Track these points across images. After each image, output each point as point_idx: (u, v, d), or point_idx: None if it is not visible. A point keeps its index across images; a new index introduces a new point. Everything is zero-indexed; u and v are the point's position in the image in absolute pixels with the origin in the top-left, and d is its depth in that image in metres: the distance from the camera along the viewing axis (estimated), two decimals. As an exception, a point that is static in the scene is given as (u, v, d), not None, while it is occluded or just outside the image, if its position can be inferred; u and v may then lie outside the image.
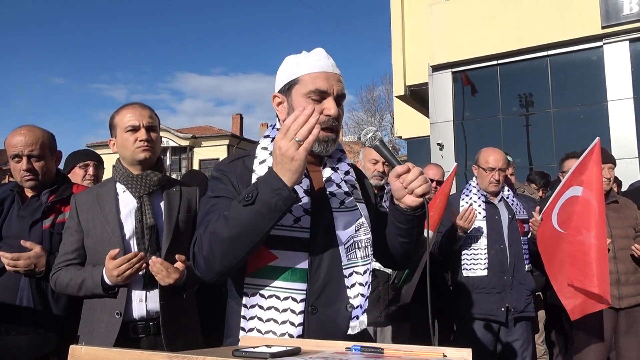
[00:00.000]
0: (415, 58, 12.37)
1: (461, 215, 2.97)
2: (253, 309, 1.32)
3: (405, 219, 1.39)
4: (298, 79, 1.39)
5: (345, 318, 1.36)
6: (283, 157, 1.20)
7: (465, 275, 3.08)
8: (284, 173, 1.20)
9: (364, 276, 1.39)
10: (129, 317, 1.89)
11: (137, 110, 2.03)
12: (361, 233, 1.41)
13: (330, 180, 1.43)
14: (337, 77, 1.41)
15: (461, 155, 11.04)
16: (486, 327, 3.03)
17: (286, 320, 1.30)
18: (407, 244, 1.46)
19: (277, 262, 1.33)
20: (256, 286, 1.33)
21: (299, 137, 1.19)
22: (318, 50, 1.44)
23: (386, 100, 27.29)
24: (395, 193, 1.37)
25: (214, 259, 1.25)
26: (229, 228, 1.22)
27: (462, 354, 1.05)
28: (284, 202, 1.20)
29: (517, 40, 10.21)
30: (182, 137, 31.41)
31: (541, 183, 4.92)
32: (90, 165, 3.11)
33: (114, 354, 0.81)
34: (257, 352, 0.94)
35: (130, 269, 1.81)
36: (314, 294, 1.34)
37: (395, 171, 1.34)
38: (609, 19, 9.52)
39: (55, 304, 2.13)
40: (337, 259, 1.37)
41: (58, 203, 2.21)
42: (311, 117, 1.20)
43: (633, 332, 3.13)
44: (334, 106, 1.38)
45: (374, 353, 1.06)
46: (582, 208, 2.81)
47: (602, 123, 9.65)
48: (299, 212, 1.35)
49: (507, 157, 3.36)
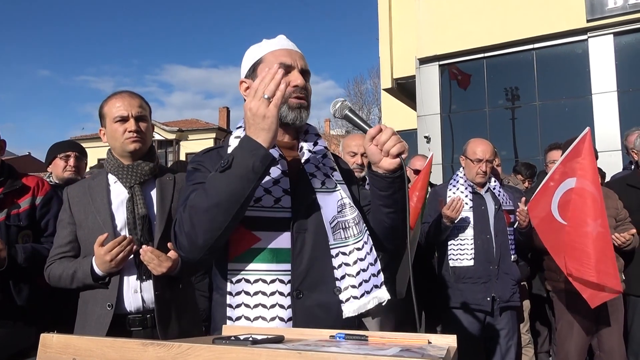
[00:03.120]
0: (402, 51, 12.38)
1: (448, 205, 2.98)
2: (239, 296, 1.28)
3: (385, 184, 1.34)
4: (261, 59, 1.40)
5: (334, 302, 1.33)
6: (255, 117, 1.20)
7: (451, 266, 3.10)
8: (258, 133, 1.20)
9: (351, 256, 1.36)
10: (123, 310, 1.85)
11: (126, 99, 1.98)
12: (345, 213, 1.38)
13: (308, 161, 1.42)
14: (300, 55, 1.42)
15: (448, 148, 11.11)
16: (472, 317, 3.06)
17: (275, 304, 1.27)
18: (393, 213, 1.40)
19: (260, 244, 1.30)
20: (240, 271, 1.29)
21: (267, 93, 1.19)
22: (279, 36, 1.46)
23: (374, 93, 27.35)
24: (372, 157, 1.34)
25: (196, 233, 1.21)
26: (209, 198, 1.20)
27: (447, 340, 1.04)
28: (262, 162, 1.19)
29: (504, 33, 10.28)
30: (168, 131, 31.15)
31: (527, 174, 4.97)
32: (71, 156, 3.06)
33: (84, 341, 0.78)
34: (239, 340, 0.91)
35: (122, 252, 1.78)
36: (299, 277, 1.31)
37: (369, 134, 1.31)
38: (593, 12, 9.62)
39: (18, 295, 2.10)
40: (322, 239, 1.35)
41: (10, 195, 2.18)
42: (276, 73, 1.21)
43: (614, 319, 3.17)
44: (300, 77, 1.37)
45: (358, 341, 1.05)
46: (582, 198, 2.82)
47: (586, 116, 9.77)
48: (279, 193, 1.33)
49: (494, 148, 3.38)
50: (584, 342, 3.19)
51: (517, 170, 5.12)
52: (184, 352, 0.76)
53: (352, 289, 1.34)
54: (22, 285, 2.09)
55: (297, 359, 0.70)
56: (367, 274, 1.36)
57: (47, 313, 2.24)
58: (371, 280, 1.36)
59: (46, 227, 2.28)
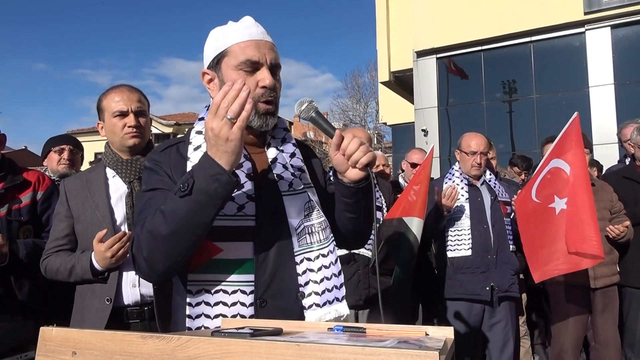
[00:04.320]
0: (400, 44, 12.36)
1: (444, 193, 3.03)
2: (199, 306, 1.21)
3: (349, 192, 1.29)
4: (226, 51, 1.26)
5: (297, 308, 1.27)
6: (217, 138, 1.08)
7: (449, 257, 3.12)
8: (220, 156, 1.09)
9: (316, 262, 1.30)
10: (121, 303, 1.86)
11: (125, 94, 1.96)
12: (312, 217, 1.31)
13: (275, 161, 1.33)
14: (269, 45, 1.28)
15: (445, 141, 11.11)
16: (471, 308, 3.08)
17: (236, 314, 1.21)
18: (356, 220, 1.36)
19: (222, 255, 1.22)
20: (201, 282, 1.22)
21: (230, 114, 1.07)
22: (245, 18, 1.31)
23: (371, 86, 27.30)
24: (338, 167, 1.27)
25: (155, 259, 1.14)
26: (168, 224, 1.11)
27: (444, 332, 1.05)
28: (224, 188, 1.09)
29: (501, 26, 10.26)
30: (165, 124, 30.99)
31: (523, 166, 4.98)
32: (65, 149, 3.05)
33: (84, 334, 0.79)
34: (238, 332, 0.92)
35: (122, 247, 1.79)
36: (262, 286, 1.24)
37: (334, 143, 1.24)
38: (591, 5, 9.60)
39: (19, 290, 2.10)
40: (286, 246, 1.28)
41: (11, 190, 2.17)
42: (242, 91, 1.08)
43: (609, 311, 3.20)
44: (269, 76, 1.25)
45: (356, 333, 1.05)
46: (553, 176, 2.84)
47: (583, 108, 9.77)
48: (242, 200, 1.24)
49: (489, 141, 3.40)
50: (580, 333, 3.22)
51: (514, 162, 5.13)
52: (183, 345, 0.77)
53: (315, 296, 1.29)
54: (23, 280, 2.10)
55: (296, 350, 0.71)
56: (330, 283, 1.31)
57: (45, 307, 2.25)
58: (333, 291, 1.31)
59: (47, 222, 2.27)
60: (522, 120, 10.64)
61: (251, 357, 0.73)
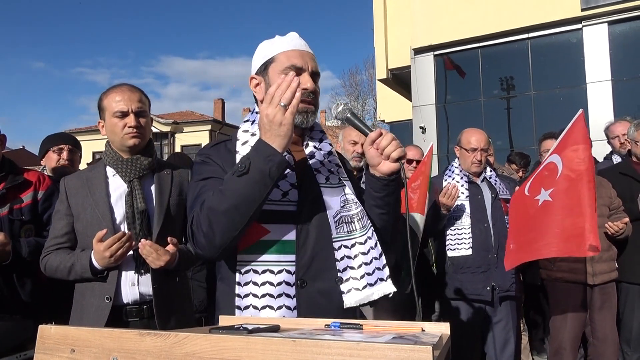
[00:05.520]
0: (397, 41, 12.34)
1: (444, 192, 2.97)
2: (247, 286, 1.33)
3: (380, 186, 1.42)
4: (273, 58, 1.43)
5: (336, 291, 1.38)
6: (271, 123, 1.24)
7: (449, 256, 3.08)
8: (274, 139, 1.24)
9: (353, 249, 1.41)
10: (120, 301, 1.87)
11: (126, 93, 1.96)
12: (349, 208, 1.44)
13: (313, 157, 1.48)
14: (311, 56, 1.46)
15: (443, 138, 11.12)
16: (471, 307, 3.05)
17: (282, 293, 1.32)
18: (385, 215, 1.48)
19: (268, 236, 1.35)
20: (249, 262, 1.34)
21: (283, 101, 1.23)
22: (291, 33, 1.48)
23: (369, 84, 27.32)
24: (371, 161, 1.40)
25: (214, 233, 1.26)
26: (227, 200, 1.24)
27: (440, 328, 1.06)
28: (278, 168, 1.24)
29: (498, 23, 10.26)
30: (163, 123, 30.92)
31: (521, 163, 4.99)
32: (64, 149, 3.03)
33: (82, 332, 0.79)
34: (235, 329, 0.93)
35: (121, 248, 1.79)
36: (303, 267, 1.36)
37: (370, 138, 1.38)
38: (588, 1, 9.61)
39: (21, 289, 2.10)
40: (325, 232, 1.39)
41: (12, 189, 2.18)
42: (292, 82, 1.24)
43: (607, 307, 3.21)
44: (310, 80, 1.41)
45: (352, 329, 1.06)
46: (549, 171, 2.83)
47: (581, 105, 9.68)
48: (286, 187, 1.38)
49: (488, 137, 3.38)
50: (578, 330, 3.23)
51: (511, 159, 5.14)
52: (181, 342, 0.77)
53: (353, 281, 1.39)
54: (25, 278, 2.11)
55: (292, 346, 0.72)
56: (371, 267, 1.41)
57: (45, 305, 2.25)
58: (375, 273, 1.41)
59: (48, 221, 2.27)
60: (520, 117, 10.65)
61: (247, 353, 0.74)
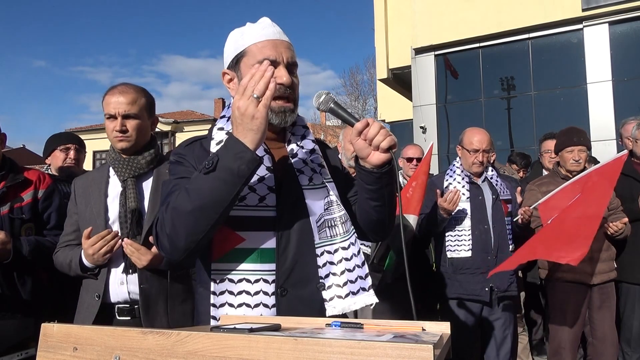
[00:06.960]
0: (398, 41, 12.34)
1: (445, 197, 2.93)
2: (223, 295, 1.25)
3: (372, 178, 1.30)
4: (245, 51, 1.32)
5: (317, 299, 1.30)
6: (243, 117, 1.14)
7: (449, 257, 3.07)
8: (245, 134, 1.14)
9: (336, 255, 1.33)
10: (110, 300, 1.88)
11: (116, 96, 1.94)
12: (332, 211, 1.34)
13: (295, 156, 1.37)
14: (286, 45, 1.33)
15: (444, 138, 11.12)
16: (470, 307, 3.06)
17: (259, 303, 1.25)
18: (380, 207, 1.36)
19: (244, 244, 1.27)
20: (224, 271, 1.26)
21: (256, 93, 1.14)
22: (262, 20, 1.36)
23: (370, 84, 27.28)
24: (360, 152, 1.28)
25: (178, 235, 1.18)
26: (192, 200, 1.15)
27: (440, 327, 1.06)
28: (247, 166, 1.14)
29: (499, 23, 10.26)
30: (163, 122, 30.88)
31: (522, 164, 4.99)
32: (71, 148, 3.05)
33: (85, 330, 0.80)
34: (236, 328, 0.93)
35: (105, 246, 1.81)
36: (283, 275, 1.28)
37: (356, 128, 1.26)
38: (589, 1, 9.61)
39: (22, 288, 2.12)
40: (307, 237, 1.31)
41: (13, 188, 2.19)
42: (266, 71, 1.15)
43: (606, 307, 3.21)
44: (286, 74, 1.30)
45: (353, 328, 1.07)
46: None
47: (581, 105, 9.81)
48: (264, 191, 1.29)
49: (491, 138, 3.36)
50: (577, 329, 3.23)
51: (512, 160, 5.14)
52: (183, 340, 0.78)
53: (336, 288, 1.31)
54: (26, 277, 2.12)
55: (294, 345, 0.72)
56: (354, 274, 1.33)
57: (46, 304, 2.26)
58: (358, 282, 1.33)
59: (48, 220, 2.29)
60: (520, 117, 10.65)
61: (249, 352, 0.74)
